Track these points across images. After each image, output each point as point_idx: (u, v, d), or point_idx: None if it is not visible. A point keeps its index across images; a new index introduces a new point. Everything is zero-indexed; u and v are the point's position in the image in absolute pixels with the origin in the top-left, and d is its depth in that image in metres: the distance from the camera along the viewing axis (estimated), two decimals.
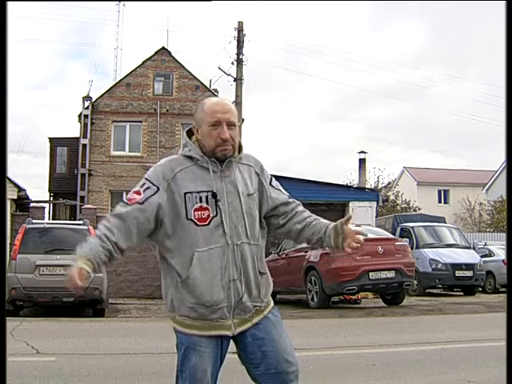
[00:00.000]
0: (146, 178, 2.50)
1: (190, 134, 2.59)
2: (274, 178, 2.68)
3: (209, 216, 2.42)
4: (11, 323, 7.82)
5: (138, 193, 2.48)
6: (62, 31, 66.64)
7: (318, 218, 2.67)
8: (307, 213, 2.67)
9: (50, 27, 69.56)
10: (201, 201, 2.43)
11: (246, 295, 2.46)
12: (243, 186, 2.51)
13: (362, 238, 2.52)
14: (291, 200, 2.67)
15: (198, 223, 2.42)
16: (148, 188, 2.46)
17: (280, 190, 2.67)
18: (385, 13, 74.19)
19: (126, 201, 2.49)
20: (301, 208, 2.68)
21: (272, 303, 2.60)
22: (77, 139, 23.86)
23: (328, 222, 2.63)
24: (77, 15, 57.34)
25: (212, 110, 2.49)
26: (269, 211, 2.61)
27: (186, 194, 2.43)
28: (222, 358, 2.49)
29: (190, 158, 2.50)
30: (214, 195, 2.43)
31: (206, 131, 2.48)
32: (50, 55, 69.90)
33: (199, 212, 2.42)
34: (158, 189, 2.44)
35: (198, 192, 2.43)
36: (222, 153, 2.47)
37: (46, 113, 68.45)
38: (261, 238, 2.58)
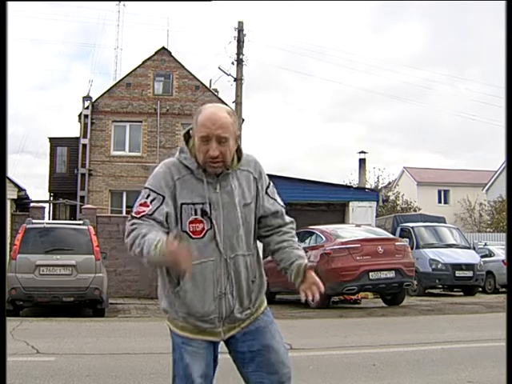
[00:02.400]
0: (148, 189, 2.41)
1: (187, 136, 2.51)
2: (271, 184, 2.61)
3: (203, 229, 2.38)
4: (11, 323, 7.82)
5: (145, 205, 2.38)
6: (64, 32, 66.70)
7: (294, 244, 2.56)
8: (288, 235, 2.58)
9: (53, 28, 69.59)
10: (196, 213, 2.38)
11: (238, 306, 2.45)
12: (240, 196, 2.45)
13: (317, 293, 2.46)
14: (281, 212, 2.59)
15: (193, 236, 2.38)
16: (154, 198, 2.38)
17: (275, 200, 2.60)
18: (386, 14, 74.23)
19: (134, 215, 2.39)
20: (285, 229, 2.59)
21: (265, 303, 2.59)
22: (77, 139, 23.85)
23: (300, 254, 2.54)
24: (78, 15, 57.39)
25: (202, 124, 2.37)
26: (257, 219, 2.56)
27: (182, 204, 2.39)
28: (215, 358, 2.50)
29: (185, 166, 2.43)
30: (204, 212, 2.37)
31: (197, 144, 2.39)
32: (52, 56, 69.94)
33: (193, 225, 2.38)
34: (164, 197, 2.38)
35: (194, 204, 2.39)
36: (211, 170, 2.39)
37: (48, 113, 68.56)
38: (255, 245, 2.55)
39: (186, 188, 2.40)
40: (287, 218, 2.62)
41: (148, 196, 2.40)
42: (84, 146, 23.26)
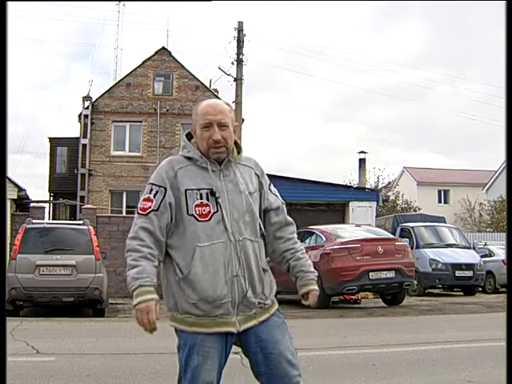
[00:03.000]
0: (151, 184, 2.51)
1: (189, 136, 2.63)
2: (272, 185, 2.72)
3: (209, 212, 2.44)
4: (11, 323, 7.82)
5: (149, 200, 2.48)
6: (64, 32, 66.76)
7: (298, 253, 2.68)
8: (297, 244, 2.70)
9: (53, 28, 69.64)
10: (201, 197, 2.45)
11: (251, 291, 2.47)
12: (244, 184, 2.53)
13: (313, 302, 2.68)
14: (282, 208, 2.69)
15: (199, 219, 2.44)
16: (157, 192, 2.47)
17: (277, 196, 2.71)
18: (386, 14, 74.22)
19: (140, 212, 2.48)
20: (288, 234, 2.68)
21: (277, 304, 2.61)
22: (77, 139, 23.84)
23: (306, 267, 2.67)
24: (78, 15, 57.41)
25: (203, 112, 2.52)
26: (262, 212, 2.64)
27: (186, 190, 2.46)
28: (226, 357, 2.49)
29: (189, 158, 2.53)
30: (213, 193, 2.45)
31: (199, 133, 2.52)
32: (53, 56, 69.97)
33: (200, 208, 2.44)
34: (166, 189, 2.46)
35: (199, 189, 2.46)
36: (215, 155, 2.50)
37: (48, 113, 68.57)
38: (261, 236, 2.60)
39: (188, 176, 2.48)
40: (289, 218, 2.72)
41: (151, 190, 2.49)
42: (84, 145, 23.25)
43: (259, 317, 2.50)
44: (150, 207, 2.46)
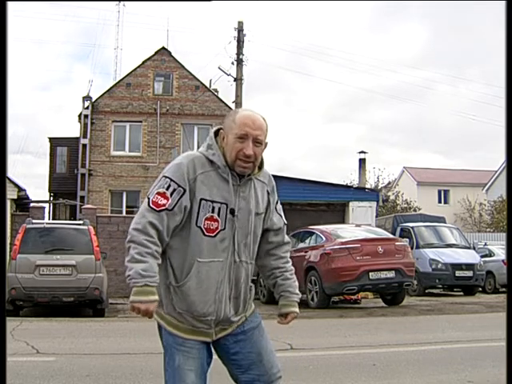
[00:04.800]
0: (169, 178, 2.37)
1: (216, 134, 2.50)
2: (279, 201, 2.66)
3: (217, 228, 2.39)
4: (11, 323, 7.82)
5: (164, 196, 2.35)
6: (65, 32, 66.77)
7: (287, 273, 2.65)
8: (289, 263, 2.67)
9: (54, 28, 69.70)
10: (213, 211, 2.38)
11: (234, 313, 2.47)
12: (255, 204, 2.48)
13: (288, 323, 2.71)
14: (283, 229, 2.66)
15: (206, 233, 2.38)
16: (174, 190, 2.35)
17: (281, 216, 2.66)
18: (386, 14, 74.21)
19: (153, 206, 2.35)
20: (281, 253, 2.65)
21: (253, 306, 2.61)
22: (77, 139, 23.82)
23: (291, 289, 2.67)
24: (78, 16, 57.42)
25: (242, 122, 2.40)
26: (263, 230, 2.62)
27: (201, 200, 2.38)
28: (208, 359, 2.48)
29: (211, 162, 2.42)
30: (232, 211, 2.39)
31: (231, 142, 2.40)
32: (54, 56, 69.98)
33: (209, 222, 2.38)
34: (185, 190, 2.36)
35: (213, 201, 2.38)
36: (240, 169, 2.41)
37: (49, 113, 68.59)
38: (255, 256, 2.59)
39: (207, 184, 2.39)
40: (286, 238, 2.69)
41: (168, 187, 2.37)
42: (84, 145, 23.23)
43: (234, 325, 2.50)
44: (164, 205, 2.34)
